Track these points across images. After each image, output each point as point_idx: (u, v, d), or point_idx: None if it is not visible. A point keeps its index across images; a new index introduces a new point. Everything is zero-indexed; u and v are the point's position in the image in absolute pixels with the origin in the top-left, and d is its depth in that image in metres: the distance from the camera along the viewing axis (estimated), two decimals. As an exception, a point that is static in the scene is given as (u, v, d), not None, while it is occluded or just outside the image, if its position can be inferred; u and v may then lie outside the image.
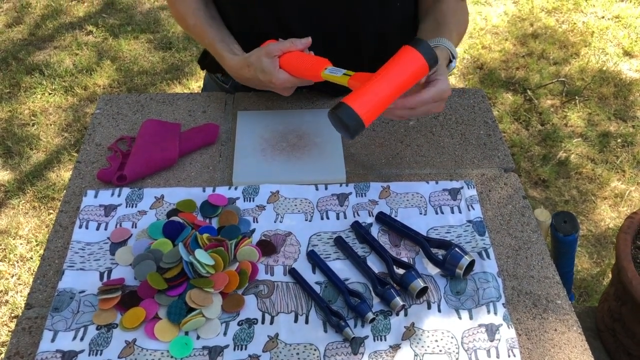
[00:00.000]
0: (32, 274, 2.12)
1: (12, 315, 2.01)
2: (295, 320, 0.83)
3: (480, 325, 0.82)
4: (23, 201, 2.37)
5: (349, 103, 0.84)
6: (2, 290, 2.07)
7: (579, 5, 3.54)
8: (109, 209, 0.96)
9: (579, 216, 2.35)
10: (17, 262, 2.16)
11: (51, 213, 2.32)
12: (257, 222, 0.96)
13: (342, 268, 0.90)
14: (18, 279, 2.12)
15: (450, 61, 1.01)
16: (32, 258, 2.18)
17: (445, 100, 0.93)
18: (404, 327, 0.82)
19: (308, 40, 0.99)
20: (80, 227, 0.94)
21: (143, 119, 1.14)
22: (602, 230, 2.30)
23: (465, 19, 1.15)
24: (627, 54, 3.19)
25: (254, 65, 1.00)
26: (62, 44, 3.17)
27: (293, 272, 0.88)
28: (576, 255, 2.20)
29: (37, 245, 2.21)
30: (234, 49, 1.07)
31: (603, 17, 3.46)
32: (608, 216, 2.35)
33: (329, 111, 0.87)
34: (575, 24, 3.40)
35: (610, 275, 2.05)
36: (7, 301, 2.04)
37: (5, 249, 2.20)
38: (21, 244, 2.22)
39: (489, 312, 0.84)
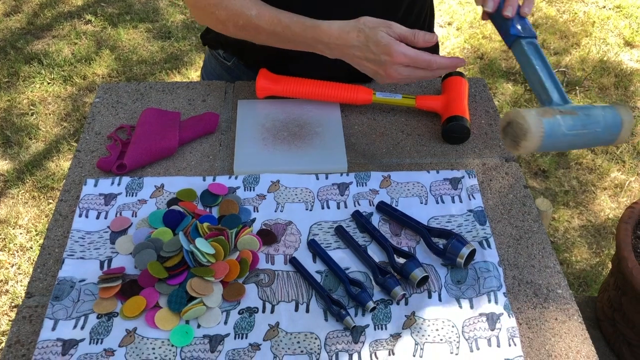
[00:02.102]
0: (32, 263, 2.12)
1: (12, 304, 2.01)
2: (296, 309, 0.83)
3: (481, 315, 0.82)
4: (22, 191, 2.36)
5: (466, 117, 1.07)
6: (2, 280, 2.07)
7: (580, -5, 3.52)
8: (108, 198, 0.96)
9: (579, 207, 2.35)
10: (17, 252, 2.17)
11: (51, 203, 2.32)
12: (257, 211, 0.95)
13: (342, 257, 0.89)
14: (18, 268, 2.12)
15: None
16: (32, 248, 2.18)
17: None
18: (405, 316, 0.82)
19: (434, 38, 0.93)
20: (80, 216, 0.93)
21: (143, 107, 1.13)
22: (601, 220, 2.30)
23: None
24: (628, 44, 3.18)
25: (367, 33, 0.91)
26: (61, 33, 3.16)
27: (294, 261, 0.88)
28: (575, 246, 2.21)
29: (36, 234, 2.21)
30: (323, 21, 0.97)
31: (604, 7, 3.44)
32: (608, 206, 2.35)
33: (450, 126, 1.05)
34: (576, 13, 3.39)
35: (610, 266, 2.06)
36: (7, 290, 2.05)
37: (5, 239, 2.20)
38: (21, 233, 2.22)
39: (489, 301, 0.84)
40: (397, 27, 0.91)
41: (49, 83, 2.85)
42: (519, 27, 0.93)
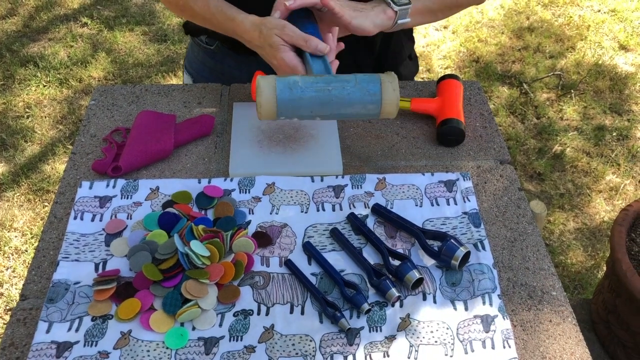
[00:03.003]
0: (26, 266, 2.12)
1: (7, 307, 2.00)
2: (291, 312, 0.83)
3: (475, 317, 0.82)
4: (18, 194, 2.36)
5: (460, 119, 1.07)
6: (-4, 283, 2.07)
7: (575, -1, 3.54)
8: (104, 200, 0.96)
9: (574, 209, 2.35)
10: (12, 255, 2.16)
11: (46, 206, 2.31)
12: (252, 213, 0.95)
13: (337, 259, 0.90)
14: (13, 271, 2.11)
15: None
16: (26, 251, 2.17)
17: None
18: (400, 318, 0.82)
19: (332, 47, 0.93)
20: (75, 218, 0.93)
21: (138, 110, 1.13)
22: (597, 223, 2.31)
23: None
24: (623, 47, 3.19)
25: (264, 34, 0.94)
26: (57, 36, 3.16)
27: (289, 264, 0.88)
28: (570, 249, 2.21)
29: (31, 237, 2.21)
30: (242, 13, 0.99)
31: (599, 11, 3.46)
32: (603, 209, 2.36)
33: (444, 129, 1.05)
34: (571, 17, 3.41)
35: (604, 268, 2.06)
36: (1, 294, 2.04)
37: (-1, 242, 2.19)
38: (16, 236, 2.22)
39: (484, 303, 0.84)
40: (291, 30, 0.92)
41: (44, 86, 2.85)
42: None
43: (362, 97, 0.83)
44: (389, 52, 1.25)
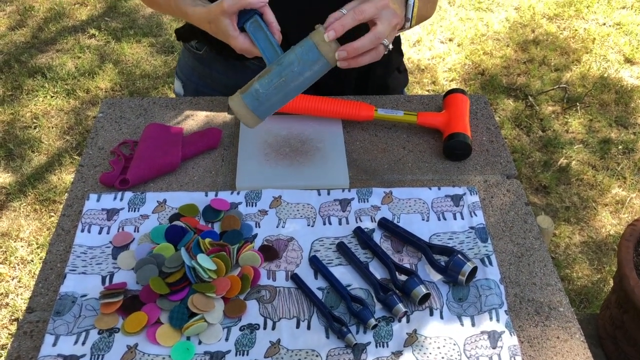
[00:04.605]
0: (32, 276, 2.12)
1: (12, 318, 2.00)
2: (297, 326, 0.83)
3: (482, 332, 0.82)
4: (24, 204, 2.37)
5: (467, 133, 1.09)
6: (2, 293, 2.07)
7: (580, 12, 3.54)
8: (111, 213, 0.96)
9: (580, 223, 2.34)
10: (18, 265, 2.16)
11: (52, 216, 2.32)
12: (259, 227, 0.96)
13: (344, 274, 0.89)
14: (19, 281, 2.11)
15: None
16: (32, 261, 2.17)
17: (380, 43, 0.92)
18: (406, 333, 0.82)
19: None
20: (83, 230, 0.94)
21: (146, 123, 1.14)
22: (602, 236, 2.30)
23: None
24: (628, 60, 3.19)
25: (214, 23, 0.95)
26: (65, 47, 3.18)
27: (295, 278, 0.88)
28: (576, 262, 2.20)
29: (37, 247, 2.21)
30: (197, 2, 0.99)
31: (604, 24, 3.46)
32: (609, 223, 2.35)
33: (451, 143, 1.07)
34: (576, 30, 3.41)
35: (611, 282, 2.05)
36: (7, 304, 2.04)
37: (6, 252, 2.20)
38: (22, 246, 2.22)
39: (491, 319, 0.84)
40: (230, 3, 0.91)
41: (52, 96, 2.87)
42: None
43: (310, 68, 0.90)
44: (374, 63, 1.24)
